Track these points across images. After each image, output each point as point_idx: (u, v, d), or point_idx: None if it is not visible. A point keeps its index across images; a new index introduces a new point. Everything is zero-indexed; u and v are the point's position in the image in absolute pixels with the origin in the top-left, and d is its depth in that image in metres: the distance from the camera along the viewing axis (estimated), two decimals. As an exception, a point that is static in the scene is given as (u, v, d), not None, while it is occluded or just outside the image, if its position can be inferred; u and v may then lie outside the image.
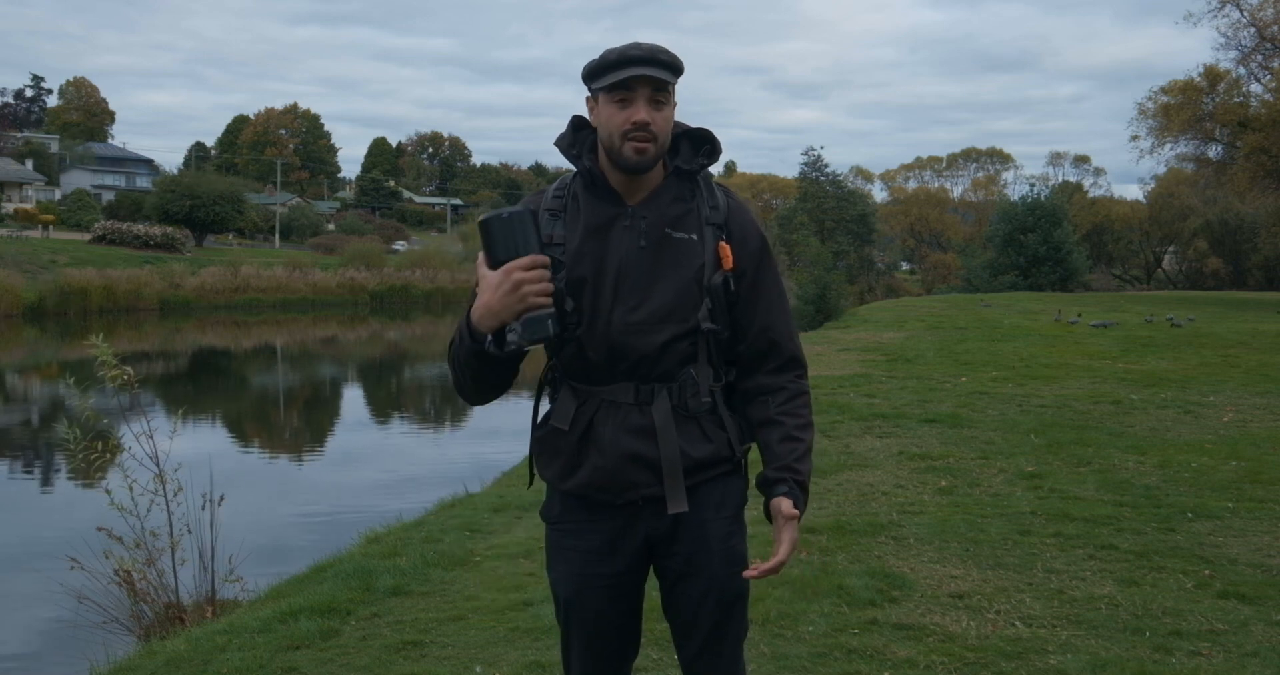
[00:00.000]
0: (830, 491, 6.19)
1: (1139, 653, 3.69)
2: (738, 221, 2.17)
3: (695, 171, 2.17)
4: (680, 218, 2.13)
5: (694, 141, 2.18)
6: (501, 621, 4.15)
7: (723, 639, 2.19)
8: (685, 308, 2.09)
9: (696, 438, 2.12)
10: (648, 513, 2.12)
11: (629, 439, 2.08)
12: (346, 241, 55.36)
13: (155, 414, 11.96)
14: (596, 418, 2.10)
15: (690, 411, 2.11)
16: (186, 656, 3.97)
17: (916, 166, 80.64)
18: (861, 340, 16.60)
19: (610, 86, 2.03)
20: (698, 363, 2.12)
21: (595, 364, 2.10)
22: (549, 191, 2.20)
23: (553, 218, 2.14)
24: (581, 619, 2.19)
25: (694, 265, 2.10)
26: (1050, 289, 36.57)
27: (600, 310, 2.09)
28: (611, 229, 2.11)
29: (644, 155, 2.04)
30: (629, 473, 2.08)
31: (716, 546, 2.14)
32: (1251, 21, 29.46)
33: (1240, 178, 30.79)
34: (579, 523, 2.17)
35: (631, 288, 2.09)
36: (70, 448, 5.49)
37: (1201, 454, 7.14)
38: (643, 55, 2.02)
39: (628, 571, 2.17)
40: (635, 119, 2.02)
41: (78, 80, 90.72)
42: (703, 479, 2.13)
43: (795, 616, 4.04)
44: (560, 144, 2.18)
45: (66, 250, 40.77)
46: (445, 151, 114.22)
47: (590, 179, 2.14)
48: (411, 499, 8.49)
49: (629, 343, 2.08)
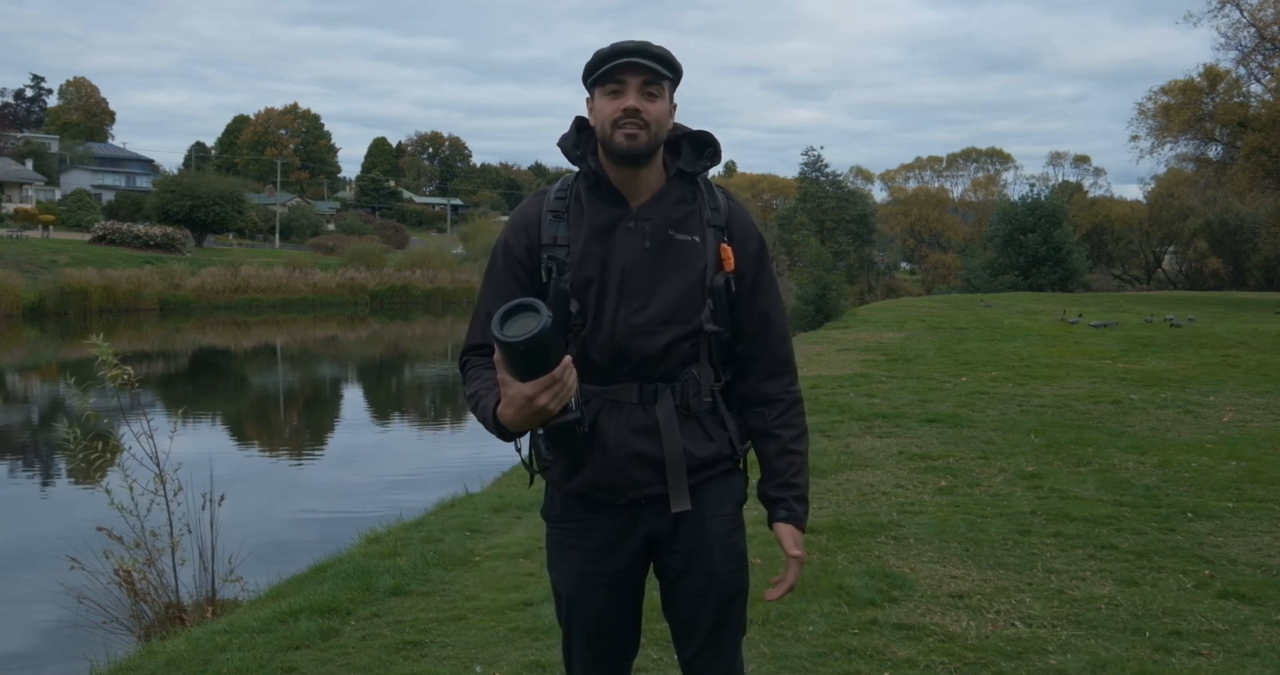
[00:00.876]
0: (830, 491, 6.19)
1: (1139, 653, 3.69)
2: (738, 223, 2.19)
3: (697, 173, 2.18)
4: (683, 219, 2.14)
5: (695, 144, 2.20)
6: (501, 621, 4.15)
7: (722, 637, 2.20)
8: (688, 309, 2.11)
9: (699, 437, 2.14)
10: (648, 512, 2.13)
11: (633, 438, 2.09)
12: (346, 241, 55.39)
13: (155, 414, 11.96)
14: (601, 417, 2.11)
15: (692, 411, 2.13)
16: (186, 656, 3.97)
17: (916, 166, 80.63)
18: (861, 340, 16.60)
19: (602, 78, 2.06)
20: (699, 363, 2.13)
21: (599, 365, 2.11)
22: (551, 192, 2.20)
23: (556, 219, 2.15)
24: (582, 618, 2.20)
25: (697, 267, 2.12)
26: (1050, 289, 36.55)
27: (605, 311, 2.10)
28: (615, 230, 2.12)
29: (635, 141, 2.04)
30: (633, 472, 2.10)
31: (716, 544, 2.15)
32: (1251, 21, 29.46)
33: (1240, 178, 30.77)
34: (580, 521, 2.18)
35: (636, 289, 2.10)
36: (70, 448, 5.48)
37: (1201, 454, 7.14)
38: (633, 47, 2.05)
39: (628, 570, 2.18)
40: (625, 106, 2.03)
41: (78, 80, 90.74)
42: (705, 478, 2.15)
43: (795, 616, 4.04)
44: (564, 145, 2.18)
45: (66, 250, 40.77)
46: (445, 151, 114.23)
47: (594, 180, 2.14)
48: (411, 499, 8.48)
49: (633, 344, 2.09)
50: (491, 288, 2.17)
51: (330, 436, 15.67)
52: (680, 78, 2.13)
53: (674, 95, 2.14)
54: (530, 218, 2.18)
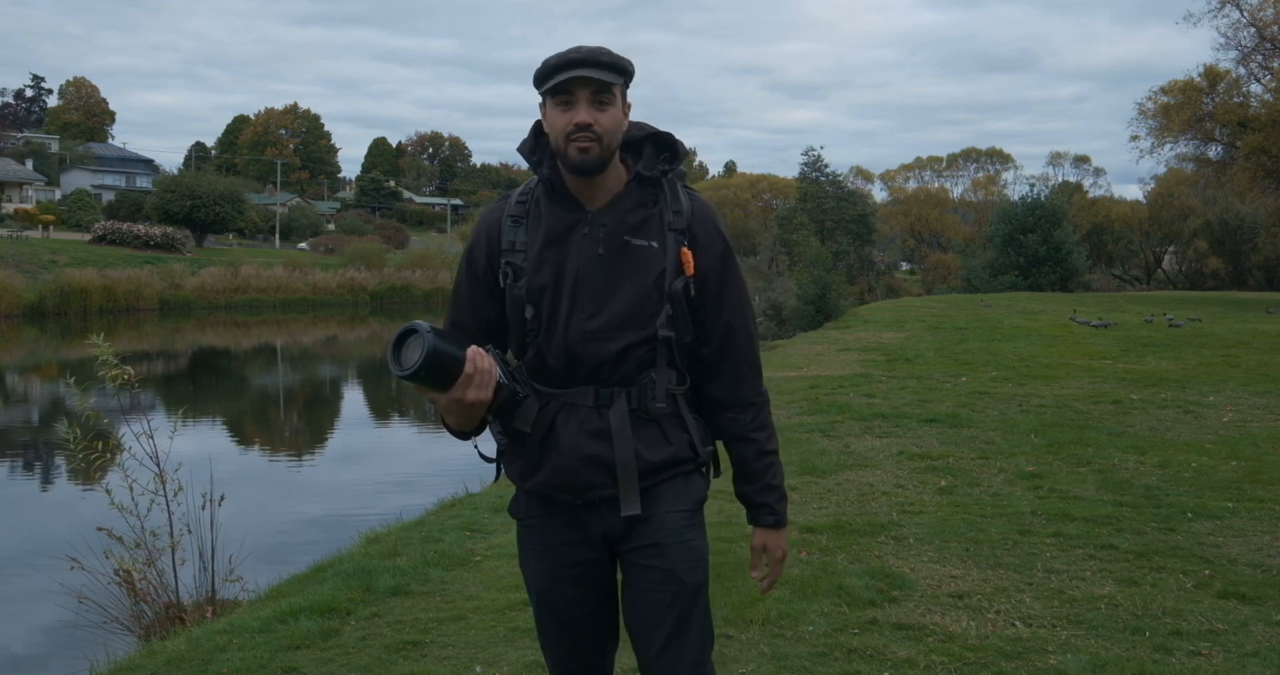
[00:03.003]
0: (830, 491, 6.18)
1: (1139, 653, 3.69)
2: (701, 226, 2.18)
3: (657, 177, 2.17)
4: (640, 224, 2.14)
5: (658, 145, 2.19)
6: (501, 621, 4.15)
7: (684, 639, 2.15)
8: (644, 315, 2.11)
9: (656, 441, 2.14)
10: (604, 510, 2.15)
11: (587, 441, 2.11)
12: (346, 241, 55.39)
13: (155, 414, 11.98)
14: (557, 420, 2.13)
15: (651, 414, 2.14)
16: (186, 656, 3.98)
17: (916, 166, 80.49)
18: (861, 340, 16.59)
19: (552, 90, 2.06)
20: (657, 367, 2.14)
21: (554, 369, 2.13)
22: (513, 197, 2.22)
23: (515, 224, 2.17)
24: (554, 609, 2.21)
25: (654, 272, 2.12)
26: (1050, 289, 36.53)
27: (558, 317, 2.11)
28: (570, 236, 2.12)
29: (587, 154, 2.05)
30: (586, 474, 2.11)
31: (672, 539, 2.15)
32: (1251, 21, 29.45)
33: (1240, 178, 30.77)
34: (541, 518, 2.21)
35: (589, 295, 2.10)
36: (70, 448, 5.48)
37: (1201, 454, 7.13)
38: (581, 57, 2.04)
39: (593, 562, 2.20)
40: (576, 120, 2.04)
41: (78, 80, 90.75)
42: (661, 480, 2.16)
43: (795, 616, 4.04)
44: (522, 150, 2.20)
45: (66, 250, 40.79)
46: (445, 151, 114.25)
47: (550, 186, 2.15)
48: (411, 499, 8.48)
49: (586, 349, 2.10)
50: (455, 296, 2.24)
51: (330, 436, 15.67)
52: (632, 77, 2.11)
53: (627, 94, 2.13)
54: (491, 224, 2.21)
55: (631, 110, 2.15)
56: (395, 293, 48.52)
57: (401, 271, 49.83)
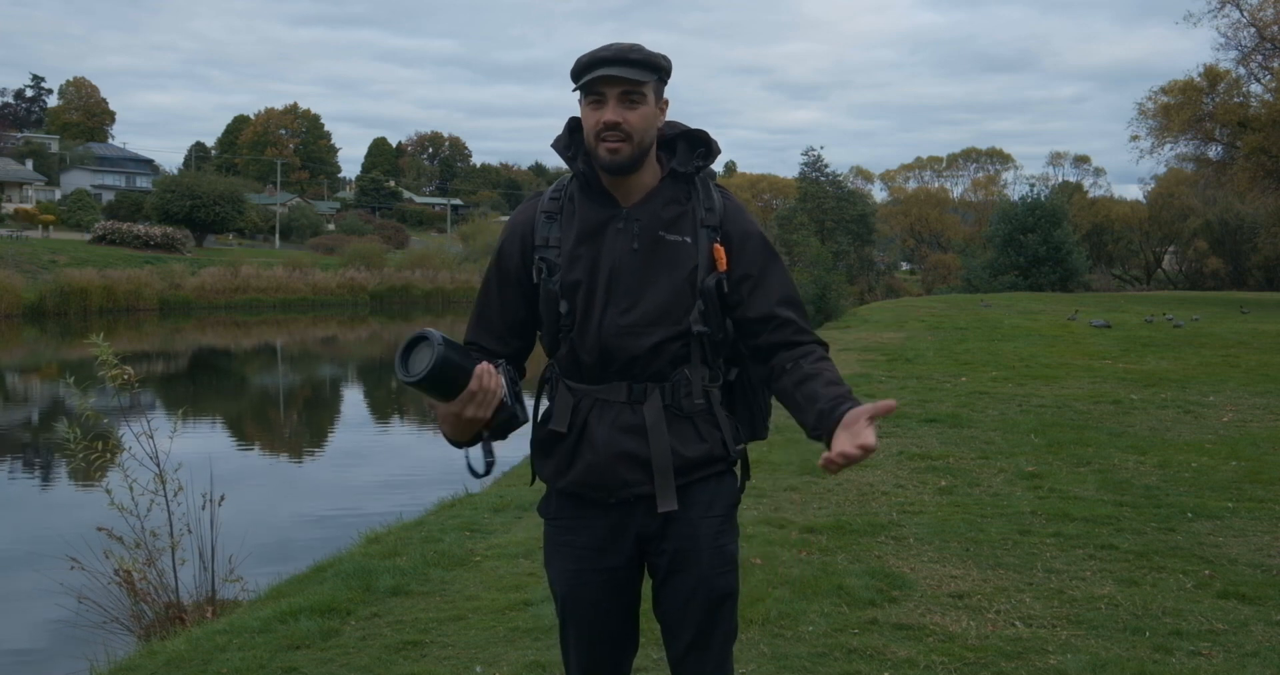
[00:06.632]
0: (830, 491, 6.18)
1: (1139, 653, 3.69)
2: (734, 223, 2.18)
3: (691, 174, 2.17)
4: (674, 220, 2.14)
5: (691, 143, 2.19)
6: (501, 621, 4.15)
7: (710, 640, 2.18)
8: (677, 310, 2.10)
9: (690, 437, 2.13)
10: (639, 511, 2.14)
11: (621, 437, 2.10)
12: (346, 241, 55.38)
13: (155, 414, 11.98)
14: (590, 416, 2.12)
15: (684, 411, 2.13)
16: (186, 656, 3.97)
17: (916, 166, 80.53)
18: (861, 340, 16.59)
19: (583, 88, 2.06)
20: (691, 363, 2.13)
21: (588, 365, 2.12)
22: (547, 193, 2.22)
23: (549, 220, 2.16)
24: (578, 614, 2.20)
25: (687, 267, 2.12)
26: (1050, 289, 36.56)
27: (592, 313, 2.11)
28: (605, 231, 2.12)
29: (617, 155, 2.05)
30: (620, 471, 2.10)
31: (705, 544, 2.14)
32: (1251, 21, 29.48)
33: (1240, 178, 30.80)
34: (573, 519, 2.19)
35: (623, 290, 2.10)
36: (70, 448, 5.48)
37: (1201, 454, 7.13)
38: (610, 55, 2.04)
39: (623, 567, 2.18)
40: (605, 120, 2.04)
41: (78, 80, 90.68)
42: (694, 478, 2.14)
43: (795, 616, 4.04)
44: (557, 146, 2.19)
45: (66, 250, 40.78)
46: (445, 152, 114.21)
47: (585, 181, 2.15)
48: (411, 499, 8.48)
49: (620, 344, 2.09)
50: (483, 293, 2.24)
51: (330, 436, 15.67)
52: (668, 74, 2.11)
53: (663, 92, 2.12)
54: (525, 220, 2.20)
55: (669, 107, 2.15)
56: (395, 293, 48.50)
57: (401, 271, 49.81)
